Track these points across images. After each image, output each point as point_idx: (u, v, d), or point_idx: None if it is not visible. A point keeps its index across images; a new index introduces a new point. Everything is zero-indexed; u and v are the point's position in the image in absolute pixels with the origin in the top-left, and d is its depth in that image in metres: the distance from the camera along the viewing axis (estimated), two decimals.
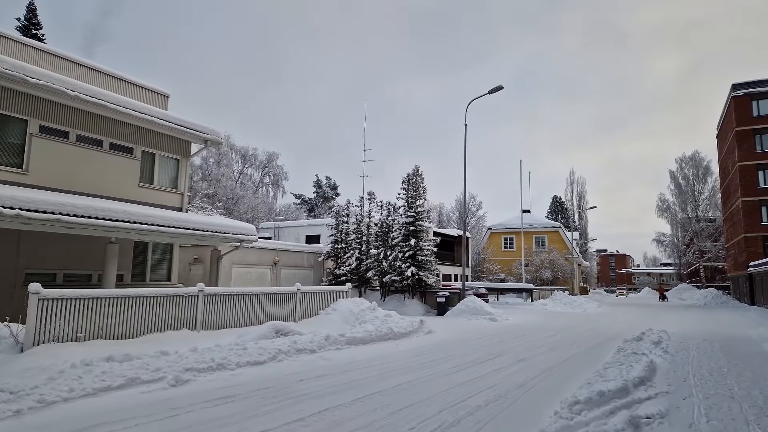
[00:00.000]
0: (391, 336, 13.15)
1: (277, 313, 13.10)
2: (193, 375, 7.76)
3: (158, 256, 15.83)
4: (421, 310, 23.16)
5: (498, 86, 22.86)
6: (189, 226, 13.19)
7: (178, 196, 16.19)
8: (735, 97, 42.13)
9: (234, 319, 11.82)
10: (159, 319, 10.20)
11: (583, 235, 74.80)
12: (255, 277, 22.73)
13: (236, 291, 11.93)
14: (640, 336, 14.33)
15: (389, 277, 23.54)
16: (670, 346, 12.88)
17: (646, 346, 12.40)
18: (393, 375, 8.67)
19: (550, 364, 10.19)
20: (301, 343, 10.34)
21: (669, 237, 70.33)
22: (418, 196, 24.22)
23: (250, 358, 8.99)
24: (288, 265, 24.80)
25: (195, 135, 15.86)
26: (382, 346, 11.99)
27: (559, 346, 13.23)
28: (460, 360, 10.48)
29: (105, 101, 13.36)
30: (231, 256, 21.61)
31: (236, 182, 62.14)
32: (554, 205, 73.80)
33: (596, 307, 32.91)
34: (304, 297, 14.02)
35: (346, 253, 25.72)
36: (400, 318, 14.96)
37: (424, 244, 23.73)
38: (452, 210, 68.35)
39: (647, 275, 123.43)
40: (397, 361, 10.17)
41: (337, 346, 11.07)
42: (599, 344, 13.76)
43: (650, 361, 9.70)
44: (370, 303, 15.14)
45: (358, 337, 11.97)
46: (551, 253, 45.96)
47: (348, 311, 14.27)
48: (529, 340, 14.53)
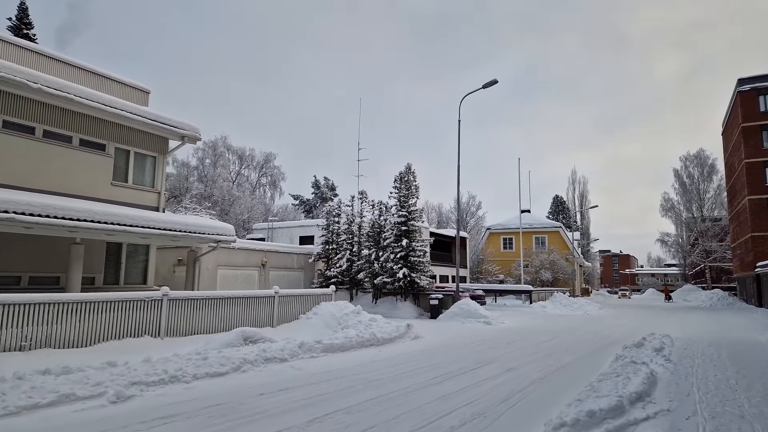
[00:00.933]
0: (374, 342, 12.34)
1: (253, 318, 12.32)
2: (140, 390, 6.98)
3: (133, 258, 15.07)
4: (413, 313, 22.34)
5: (492, 80, 22.03)
6: (160, 225, 12.43)
7: (155, 195, 15.44)
8: (741, 92, 41.13)
9: (204, 325, 11.05)
10: (117, 325, 9.43)
11: (585, 235, 73.74)
12: (242, 280, 21.96)
13: (206, 295, 11.15)
14: (641, 342, 13.47)
15: (381, 278, 22.73)
16: (672, 353, 12.03)
17: (647, 353, 11.55)
18: (366, 387, 7.87)
19: (540, 374, 9.36)
20: (271, 352, 9.55)
21: (673, 237, 69.22)
22: (411, 194, 23.39)
23: (210, 369, 8.20)
24: (277, 266, 24.02)
25: (171, 131, 15.12)
26: (362, 354, 11.19)
27: (554, 352, 12.40)
28: (443, 369, 9.67)
29: (71, 94, 12.61)
30: (216, 257, 20.88)
31: (233, 183, 61.47)
32: (555, 204, 72.67)
33: (597, 309, 32.01)
34: (282, 301, 13.23)
35: (337, 254, 24.93)
36: (386, 322, 14.15)
37: (416, 244, 22.90)
38: (451, 210, 67.48)
39: (651, 276, 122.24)
40: (374, 370, 9.37)
41: (312, 354, 10.28)
42: (597, 350, 12.92)
43: (650, 371, 8.87)
44: (354, 306, 14.34)
45: (337, 343, 11.17)
46: (551, 254, 44.97)
47: (330, 315, 13.47)
48: (523, 345, 13.71)
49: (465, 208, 65.79)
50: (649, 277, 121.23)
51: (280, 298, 13.11)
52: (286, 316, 13.37)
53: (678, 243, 68.90)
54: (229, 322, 11.58)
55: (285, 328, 12.88)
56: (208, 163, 59.01)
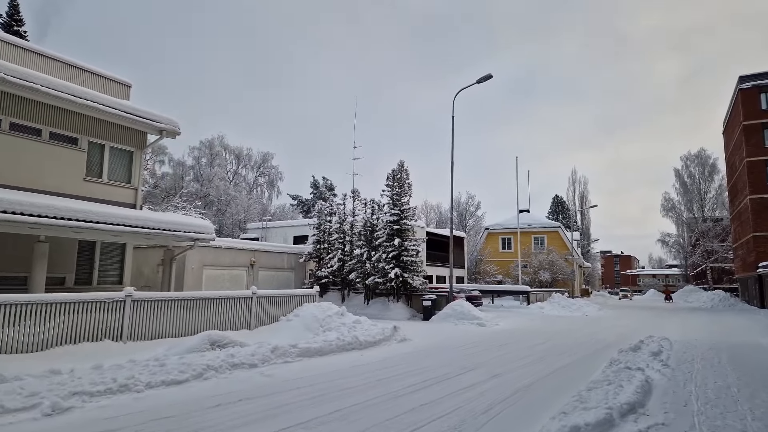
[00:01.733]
0: (356, 345, 11.69)
1: (228, 321, 11.68)
2: (81, 401, 6.34)
3: (108, 257, 14.44)
4: (405, 314, 21.69)
5: (487, 75, 21.40)
6: (131, 223, 11.80)
7: (131, 192, 14.81)
8: (742, 89, 40.39)
9: (173, 328, 10.41)
10: (74, 329, 8.80)
11: (586, 235, 72.99)
12: (229, 280, 21.34)
13: (174, 296, 10.51)
14: (638, 345, 12.80)
15: (372, 279, 22.08)
16: (671, 357, 11.37)
17: (644, 357, 10.89)
18: (336, 397, 7.23)
19: (528, 380, 8.71)
20: (240, 357, 8.91)
21: (674, 237, 68.43)
22: (404, 192, 22.74)
23: (166, 377, 7.56)
24: (266, 266, 23.39)
25: (148, 124, 14.49)
26: (341, 358, 10.55)
27: (547, 356, 11.74)
28: (425, 375, 9.02)
29: (37, 84, 11.99)
30: (202, 257, 20.27)
31: (230, 183, 60.84)
32: (555, 204, 71.85)
33: (596, 311, 31.33)
34: (261, 302, 12.60)
35: (329, 254, 24.30)
36: (372, 324, 13.51)
37: (409, 244, 22.24)
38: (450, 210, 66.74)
39: (652, 277, 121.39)
40: (350, 377, 8.73)
41: (285, 360, 9.64)
42: (592, 354, 12.26)
43: (645, 378, 8.21)
44: (339, 308, 13.70)
45: (314, 347, 10.53)
46: (550, 254, 44.22)
47: (312, 317, 12.83)
48: (515, 348, 13.05)
49: (464, 208, 65.13)
50: (651, 278, 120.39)
51: (259, 299, 12.47)
52: (265, 318, 12.73)
53: (679, 243, 68.14)
54: (201, 325, 10.94)
55: (263, 330, 12.24)
56: (204, 163, 58.41)
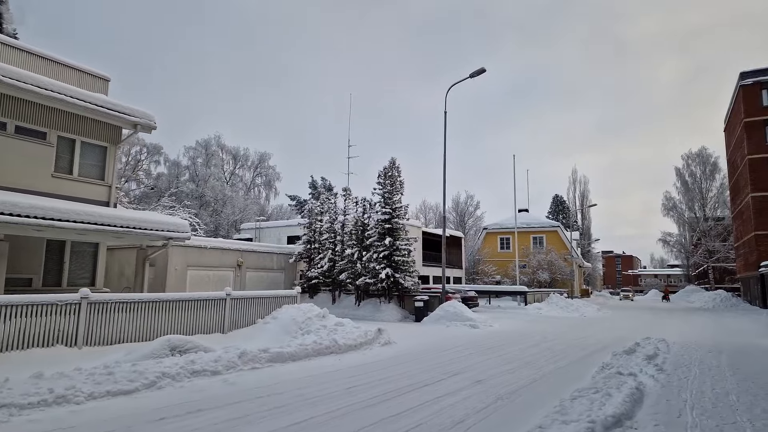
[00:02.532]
0: (335, 349, 11.06)
1: (199, 324, 11.06)
2: (8, 415, 5.74)
3: (80, 258, 13.84)
4: (397, 315, 21.05)
5: (480, 69, 20.77)
6: (97, 220, 11.19)
7: (105, 189, 14.22)
8: (743, 86, 39.66)
9: (135, 332, 9.79)
10: (22, 334, 8.19)
11: (586, 235, 72.20)
12: (215, 281, 20.72)
13: (138, 298, 9.89)
14: (633, 347, 12.16)
15: (363, 279, 21.44)
16: (667, 361, 10.72)
17: (638, 361, 10.25)
18: (297, 407, 6.62)
19: (511, 387, 8.07)
20: (202, 363, 8.29)
21: (675, 237, 67.65)
22: (395, 190, 22.11)
23: (113, 387, 6.94)
24: (255, 267, 22.78)
25: (121, 118, 13.89)
26: (317, 364, 9.92)
27: (536, 360, 11.10)
28: (402, 382, 8.40)
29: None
30: (186, 257, 19.67)
31: (227, 183, 60.26)
32: (555, 204, 71.04)
33: (595, 311, 30.65)
34: (236, 304, 11.97)
35: (320, 254, 23.68)
36: (355, 327, 12.88)
37: (401, 243, 21.60)
38: (449, 210, 66.10)
39: (654, 277, 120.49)
40: (320, 384, 8.11)
41: (254, 366, 9.02)
42: (584, 358, 11.61)
43: (637, 385, 7.57)
44: (320, 310, 13.07)
45: (287, 352, 9.90)
46: (549, 254, 43.51)
47: (290, 320, 12.20)
48: (504, 352, 12.41)
49: (463, 208, 64.48)
50: (652, 278, 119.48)
51: (233, 301, 11.83)
52: (241, 321, 12.10)
53: (680, 243, 67.36)
54: (168, 329, 10.32)
55: (238, 334, 11.61)
56: (200, 163, 57.80)
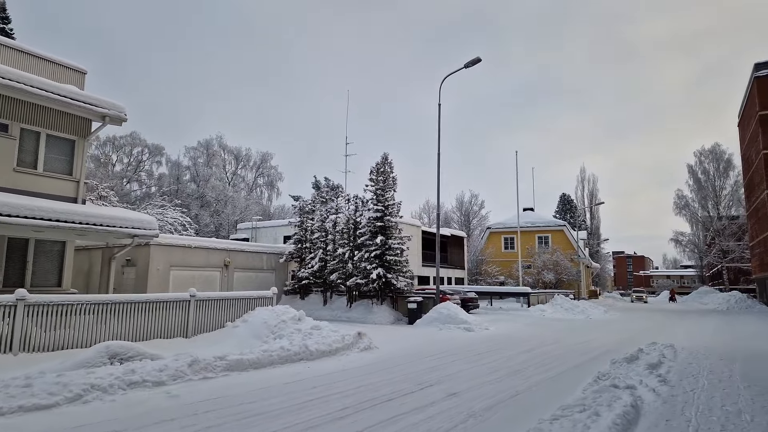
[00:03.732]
0: (306, 356, 10.14)
1: (159, 328, 10.20)
2: None
3: (45, 257, 13.06)
4: (389, 318, 20.10)
5: (475, 59, 19.78)
6: (50, 216, 10.38)
7: (72, 184, 13.43)
8: (758, 77, 38.11)
9: (80, 337, 8.94)
10: None
11: (595, 235, 70.64)
12: (201, 282, 19.89)
13: (84, 300, 9.05)
14: (636, 354, 11.10)
15: (354, 280, 20.52)
16: (672, 370, 9.66)
17: (639, 370, 9.21)
18: (232, 428, 5.71)
19: (488, 402, 7.10)
20: (143, 373, 7.41)
21: (688, 236, 65.83)
22: (388, 187, 21.18)
23: (28, 401, 6.08)
24: (243, 267, 21.94)
25: (88, 109, 13.10)
26: (281, 372, 9.01)
27: (525, 368, 10.10)
28: (367, 395, 7.45)
29: None
30: (169, 257, 18.87)
31: (228, 184, 59.72)
32: (562, 203, 69.49)
33: (602, 313, 29.44)
34: (202, 306, 11.09)
35: (311, 253, 22.80)
36: (333, 331, 11.96)
37: (393, 242, 20.65)
38: (453, 210, 65.00)
39: (667, 278, 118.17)
40: (272, 397, 7.19)
41: (206, 375, 8.13)
42: (580, 366, 10.58)
43: (633, 401, 6.57)
44: (296, 312, 12.16)
45: (248, 359, 9.00)
46: (554, 254, 42.24)
47: (262, 323, 11.32)
48: (493, 358, 11.42)
49: (467, 207, 63.32)
50: (665, 279, 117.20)
51: (198, 302, 10.95)
52: (208, 324, 11.22)
53: (693, 243, 65.59)
54: (121, 333, 9.46)
55: (202, 339, 10.74)
56: (201, 163, 57.31)
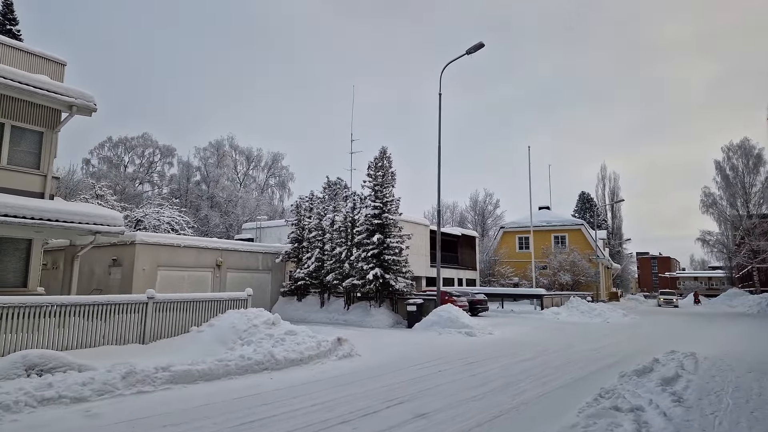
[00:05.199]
0: (271, 365, 9.06)
1: (109, 334, 9.23)
2: None
3: (9, 255, 12.25)
4: (387, 321, 18.93)
5: (477, 44, 18.52)
6: None
7: (39, 178, 12.62)
8: None
9: (7, 345, 7.99)
10: None
11: (617, 235, 68.21)
12: (191, 282, 19.01)
13: (19, 302, 8.10)
14: (650, 365, 9.74)
15: (350, 280, 19.41)
16: (691, 385, 8.27)
17: (650, 386, 7.87)
18: None
19: (459, 427, 5.90)
20: (62, 388, 6.42)
21: (716, 236, 62.85)
22: (387, 182, 20.01)
23: None
24: (237, 267, 21.02)
25: (53, 98, 12.28)
26: (237, 385, 7.93)
27: (519, 381, 8.84)
28: (322, 415, 6.33)
29: None
30: (155, 256, 18.01)
31: (240, 184, 59.31)
32: (582, 202, 67.09)
33: (621, 317, 27.76)
34: (162, 309, 10.10)
35: (307, 253, 21.77)
36: (310, 336, 10.85)
37: (392, 240, 19.47)
38: (467, 209, 63.38)
39: (694, 279, 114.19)
40: (211, 417, 6.12)
41: (142, 389, 7.10)
42: (582, 379, 9.26)
43: (636, 429, 5.30)
44: (271, 316, 11.10)
45: (198, 370, 7.94)
46: (571, 254, 40.43)
47: (229, 328, 10.28)
48: (486, 368, 10.17)
49: (482, 206, 61.69)
50: (692, 281, 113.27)
51: (158, 305, 9.97)
52: (170, 329, 10.23)
53: (722, 243, 62.67)
54: (62, 341, 8.51)
55: (160, 346, 9.74)
56: (211, 163, 56.96)
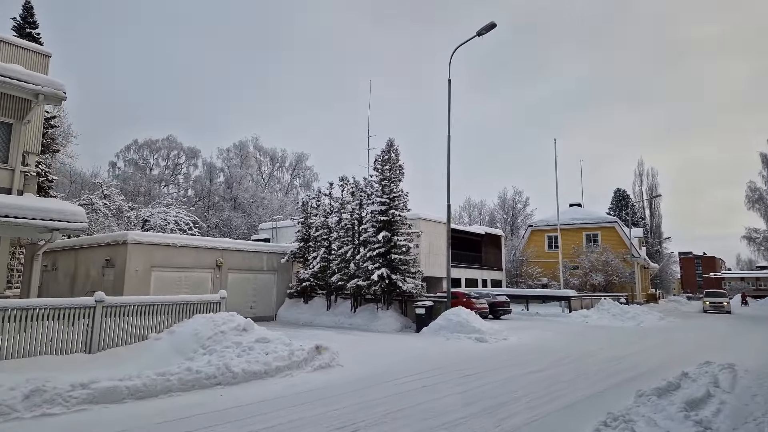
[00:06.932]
0: (225, 379, 7.89)
1: (48, 343, 8.24)
2: None
3: None
4: (395, 325, 17.59)
5: (489, 24, 16.99)
6: None
7: (7, 173, 11.89)
8: None
9: None
10: None
11: (656, 233, 64.67)
12: (189, 284, 18.14)
13: None
14: (677, 381, 8.13)
15: (354, 281, 18.17)
16: (724, 409, 6.66)
17: (671, 411, 6.31)
18: None
19: None
20: None
21: (763, 233, 58.74)
22: (394, 177, 18.69)
23: None
24: (239, 268, 20.07)
25: (17, 86, 11.49)
26: (178, 403, 6.81)
27: (514, 400, 7.39)
28: None
29: None
30: (149, 257, 17.19)
31: (264, 185, 59.07)
32: (617, 199, 63.62)
33: (656, 320, 25.59)
34: (113, 314, 9.06)
35: (313, 252, 20.66)
36: (284, 344, 9.64)
37: (399, 238, 18.13)
38: (495, 208, 61.22)
39: (741, 280, 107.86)
40: None
41: (46, 410, 6.07)
42: (590, 398, 7.72)
43: None
44: (242, 321, 9.95)
45: (127, 386, 6.82)
46: (604, 253, 37.97)
47: (191, 335, 9.17)
48: (482, 383, 8.74)
49: (510, 204, 59.47)
50: (738, 281, 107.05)
51: (108, 309, 8.95)
52: (123, 336, 9.18)
53: None
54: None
55: (109, 355, 8.70)
56: (234, 164, 56.85)
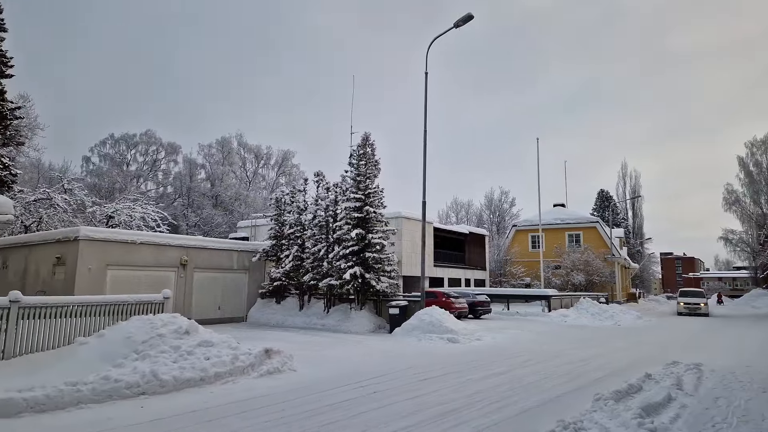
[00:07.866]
0: (150, 388, 7.28)
1: None
2: None
3: None
4: (368, 325, 17.14)
5: (466, 15, 16.59)
6: None
7: None
8: None
9: None
10: None
11: (638, 234, 64.98)
12: (149, 284, 17.21)
13: None
14: (638, 383, 7.82)
15: (327, 281, 17.69)
16: (683, 414, 6.33)
17: (625, 417, 5.94)
18: None
19: None
20: None
21: (739, 234, 59.34)
22: (369, 173, 18.23)
23: None
24: (206, 266, 19.41)
25: None
26: (83, 418, 6.14)
27: (466, 406, 6.98)
28: None
29: None
30: (104, 254, 16.38)
31: (249, 182, 58.25)
32: (600, 200, 63.77)
33: (634, 319, 25.46)
34: (32, 316, 8.35)
35: (286, 250, 20.12)
36: (231, 348, 9.05)
37: (374, 236, 17.67)
38: (482, 209, 61.00)
39: (718, 280, 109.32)
40: None
41: None
42: (547, 403, 7.33)
43: None
44: (186, 323, 9.35)
45: (26, 399, 6.13)
46: (585, 253, 37.91)
47: (124, 339, 8.52)
48: (437, 387, 8.32)
49: (497, 205, 59.31)
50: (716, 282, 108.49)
51: (26, 311, 8.21)
52: (45, 340, 8.47)
53: (745, 241, 59.12)
54: None
55: (25, 362, 7.93)
56: (216, 161, 55.92)
